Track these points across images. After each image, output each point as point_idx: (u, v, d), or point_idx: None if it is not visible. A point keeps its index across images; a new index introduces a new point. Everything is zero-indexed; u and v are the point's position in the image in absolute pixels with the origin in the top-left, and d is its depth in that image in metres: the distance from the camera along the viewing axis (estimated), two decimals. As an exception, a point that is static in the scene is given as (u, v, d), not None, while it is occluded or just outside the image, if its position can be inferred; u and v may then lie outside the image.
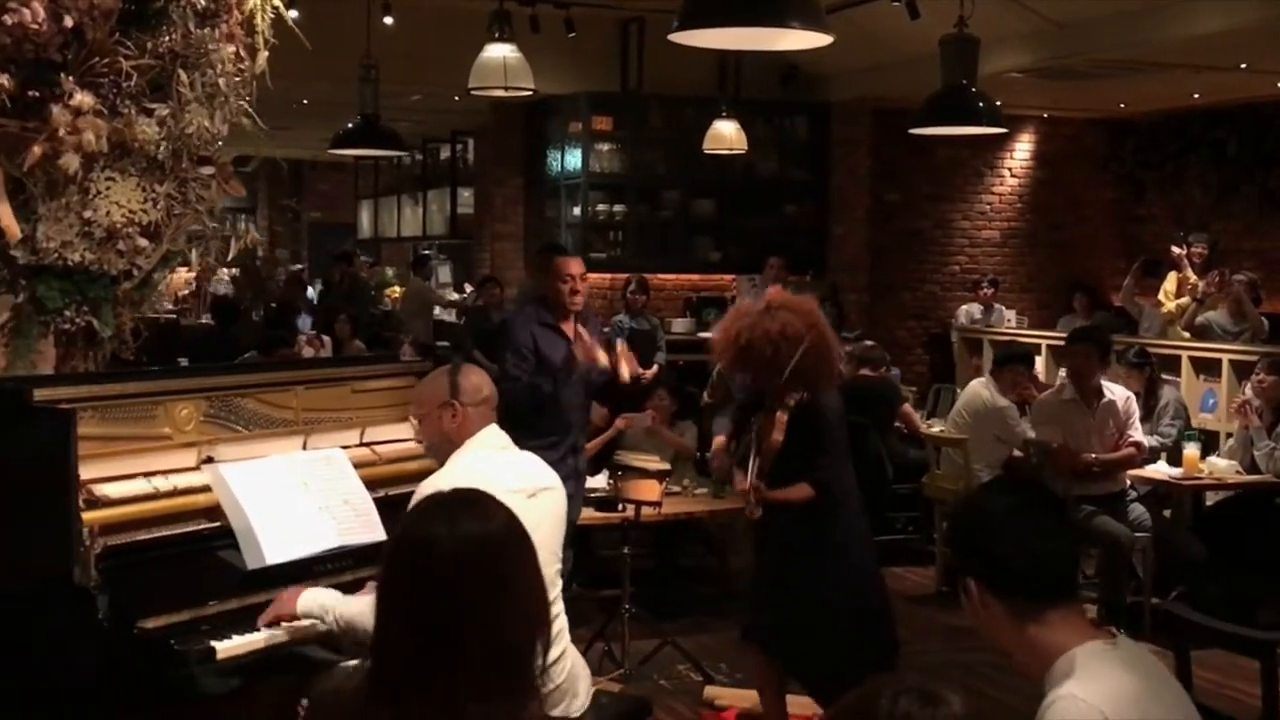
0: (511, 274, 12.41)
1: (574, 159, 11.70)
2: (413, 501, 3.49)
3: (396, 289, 19.04)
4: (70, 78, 4.04)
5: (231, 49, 4.37)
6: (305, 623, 3.54)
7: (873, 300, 12.16)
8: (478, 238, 14.79)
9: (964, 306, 12.15)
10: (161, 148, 4.23)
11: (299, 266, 19.90)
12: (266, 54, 4.51)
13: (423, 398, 3.74)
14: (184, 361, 7.98)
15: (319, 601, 3.48)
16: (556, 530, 3.68)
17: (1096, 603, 6.65)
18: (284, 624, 3.53)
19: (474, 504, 2.03)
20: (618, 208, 11.58)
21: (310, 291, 16.91)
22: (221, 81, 4.27)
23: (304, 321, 12.13)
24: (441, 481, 3.53)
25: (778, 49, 4.75)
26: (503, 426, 4.91)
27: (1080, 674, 2.11)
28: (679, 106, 11.60)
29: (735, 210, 11.83)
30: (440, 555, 1.92)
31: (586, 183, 11.47)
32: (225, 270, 13.96)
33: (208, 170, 4.37)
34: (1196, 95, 11.25)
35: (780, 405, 4.55)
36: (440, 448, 3.69)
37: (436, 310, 14.22)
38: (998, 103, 7.46)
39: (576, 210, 11.64)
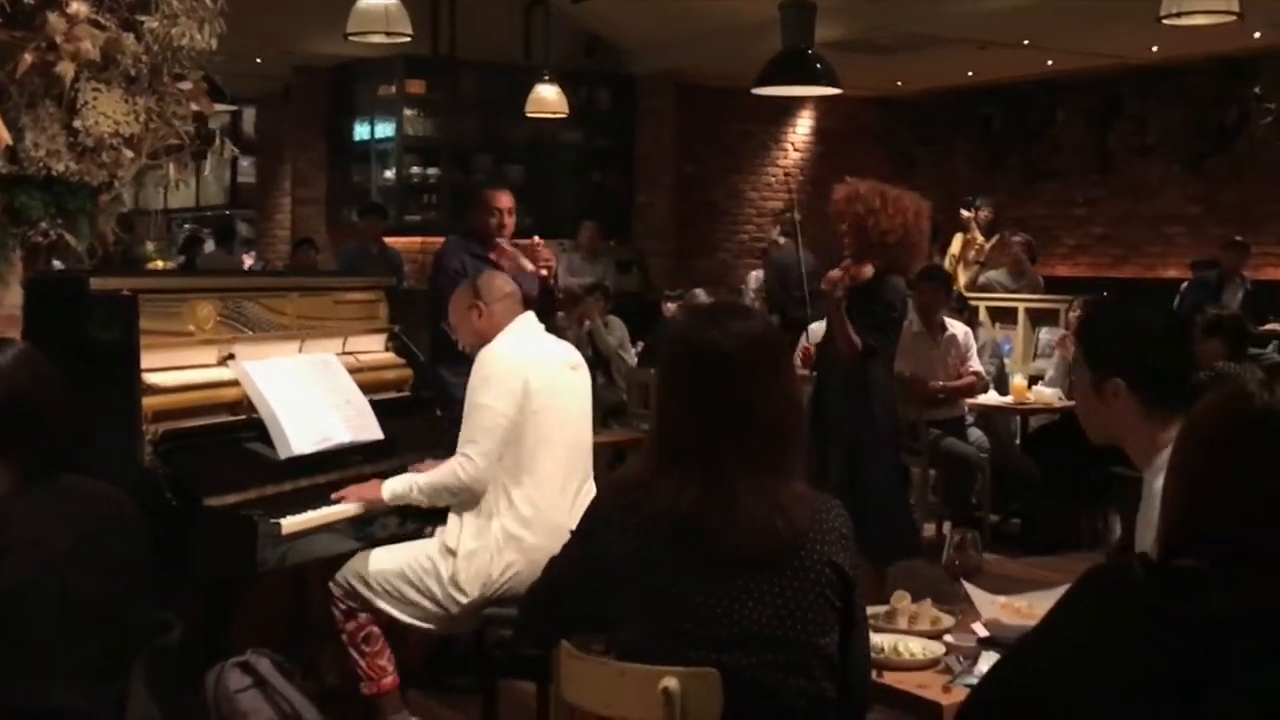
0: (316, 238, 12.34)
1: (385, 122, 11.76)
2: (475, 375, 3.81)
3: (160, 263, 18.50)
4: (64, -14, 4.08)
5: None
6: (351, 507, 3.77)
7: (676, 266, 12.65)
8: (262, 206, 14.63)
9: (753, 273, 12.76)
10: (143, 61, 4.30)
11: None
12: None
13: (454, 307, 4.04)
14: None
15: (402, 482, 3.81)
16: (589, 400, 4.03)
17: (942, 518, 7.29)
18: (332, 507, 3.74)
19: (736, 310, 2.34)
20: (431, 171, 11.71)
21: (56, 265, 16.19)
22: (207, -3, 4.36)
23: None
24: (499, 348, 3.83)
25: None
26: (440, 354, 5.16)
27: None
28: (490, 72, 11.80)
29: (545, 177, 12.12)
30: (720, 351, 2.23)
31: (401, 146, 11.56)
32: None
33: (185, 85, 4.45)
34: (970, 73, 12.15)
35: (869, 258, 5.22)
36: (478, 347, 3.95)
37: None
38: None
39: (389, 174, 11.70)
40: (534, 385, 3.80)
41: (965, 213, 10.62)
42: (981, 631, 2.62)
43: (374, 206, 10.66)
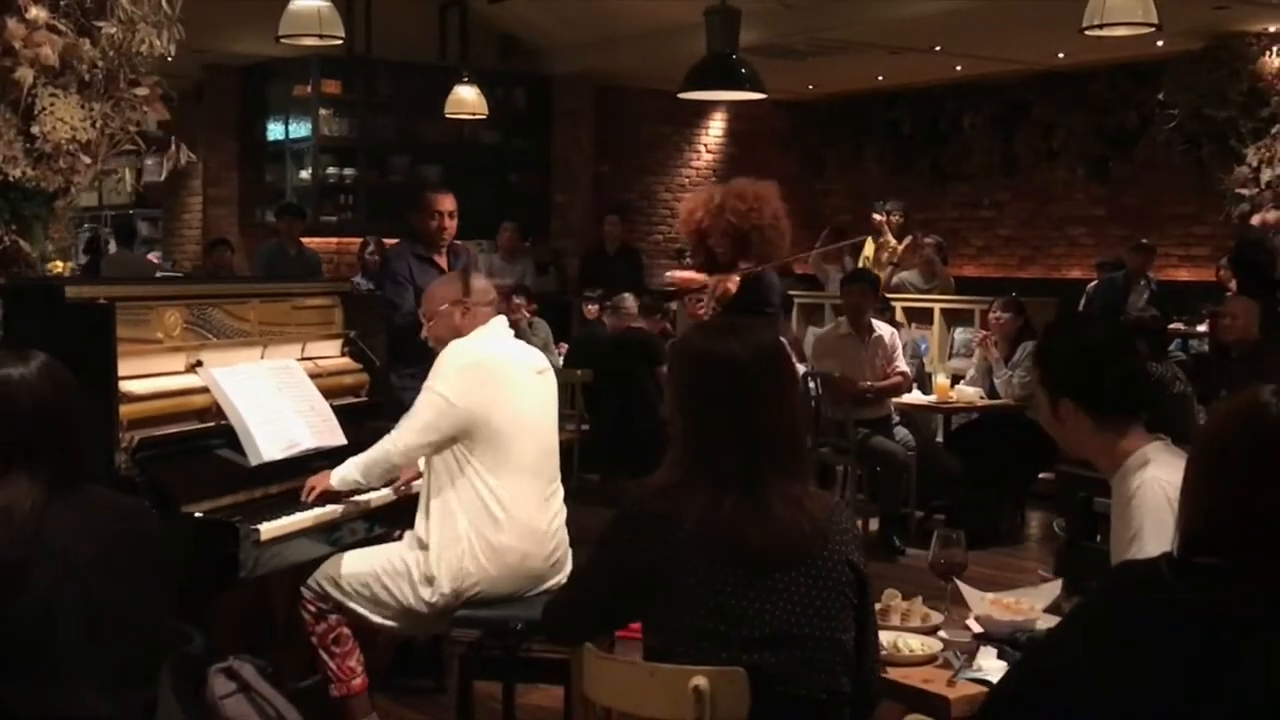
0: (228, 238, 12.20)
1: (300, 122, 11.66)
2: (439, 364, 3.85)
3: (60, 265, 18.10)
4: (23, -8, 4.06)
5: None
6: (324, 510, 3.80)
7: (593, 266, 12.72)
8: (169, 206, 14.42)
9: (668, 273, 12.85)
10: (99, 67, 4.28)
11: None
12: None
13: (436, 296, 4.04)
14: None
15: (350, 466, 3.88)
16: (556, 405, 4.08)
17: (869, 515, 7.45)
18: (304, 512, 3.76)
19: (748, 326, 2.43)
20: (348, 171, 11.64)
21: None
22: (165, 3, 4.36)
23: None
24: (469, 344, 3.87)
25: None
26: (390, 359, 5.17)
27: (1155, 463, 2.67)
28: (406, 72, 11.76)
29: (462, 177, 12.09)
30: (741, 362, 2.32)
31: (316, 146, 11.48)
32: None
33: (141, 91, 4.43)
34: (880, 78, 12.37)
35: (735, 268, 5.09)
36: (446, 341, 3.97)
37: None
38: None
39: (305, 174, 11.61)
40: (498, 388, 3.84)
41: (877, 216, 10.81)
42: (976, 627, 2.74)
43: (292, 207, 10.59)
